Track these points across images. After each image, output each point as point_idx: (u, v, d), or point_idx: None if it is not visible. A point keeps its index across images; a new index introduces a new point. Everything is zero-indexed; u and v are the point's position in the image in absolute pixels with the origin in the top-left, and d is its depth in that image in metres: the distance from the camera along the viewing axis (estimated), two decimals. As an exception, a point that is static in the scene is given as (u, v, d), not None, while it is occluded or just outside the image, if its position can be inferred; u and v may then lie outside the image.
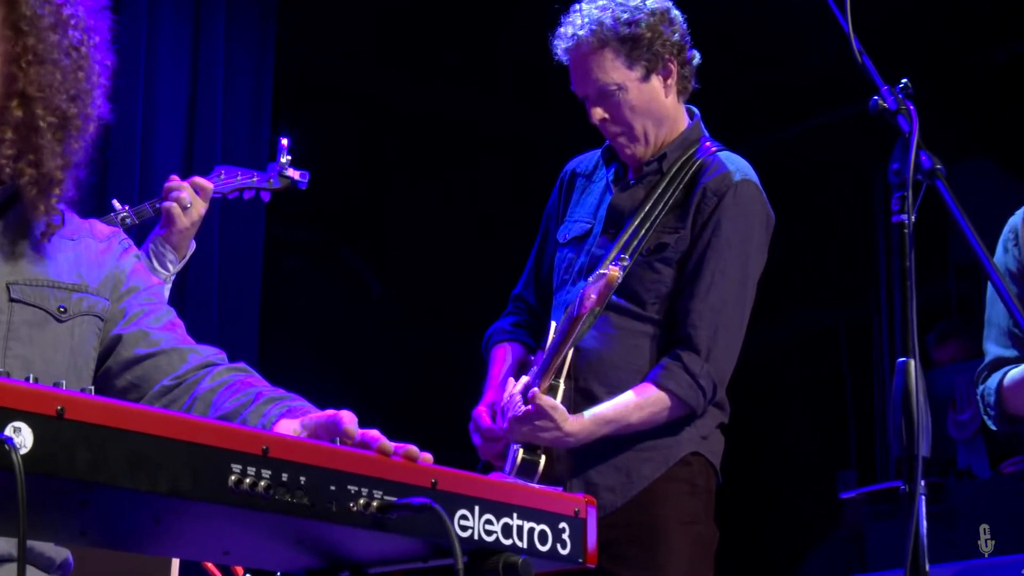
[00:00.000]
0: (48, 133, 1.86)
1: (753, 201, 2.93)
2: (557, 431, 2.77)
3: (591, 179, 3.13)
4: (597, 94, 2.94)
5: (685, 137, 3.01)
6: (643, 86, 2.94)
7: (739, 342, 2.91)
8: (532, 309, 3.19)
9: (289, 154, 3.33)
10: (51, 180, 1.87)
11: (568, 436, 2.79)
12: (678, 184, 2.95)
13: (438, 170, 5.95)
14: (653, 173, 2.99)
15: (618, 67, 2.92)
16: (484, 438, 2.90)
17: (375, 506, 1.45)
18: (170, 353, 1.97)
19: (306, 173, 3.36)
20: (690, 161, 2.98)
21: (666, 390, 2.81)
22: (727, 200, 2.89)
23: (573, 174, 3.18)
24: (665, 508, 2.84)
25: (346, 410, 1.64)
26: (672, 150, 2.99)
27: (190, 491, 1.32)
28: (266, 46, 5.09)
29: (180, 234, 3.05)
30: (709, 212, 2.89)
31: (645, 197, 2.96)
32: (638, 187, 3.00)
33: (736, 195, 2.90)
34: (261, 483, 1.37)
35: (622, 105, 2.93)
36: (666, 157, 2.99)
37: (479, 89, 5.77)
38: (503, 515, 1.54)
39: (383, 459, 1.50)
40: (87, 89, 1.91)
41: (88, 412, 1.28)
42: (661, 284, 2.90)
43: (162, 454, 1.31)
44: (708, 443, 2.91)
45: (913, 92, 2.01)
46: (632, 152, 2.99)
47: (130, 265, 2.05)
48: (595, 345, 2.92)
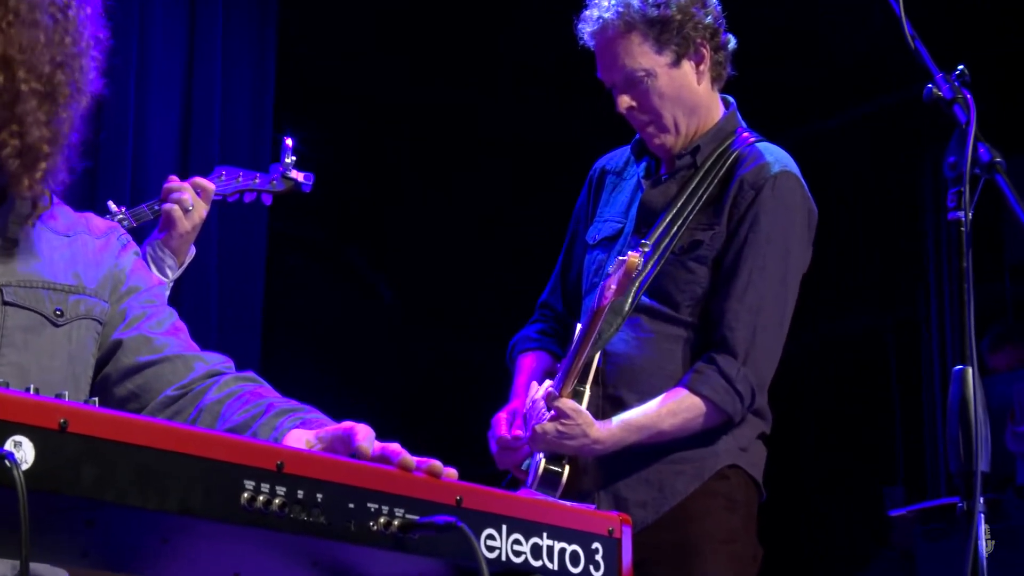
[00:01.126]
0: (32, 100, 1.82)
1: (793, 194, 2.93)
2: (583, 438, 2.77)
3: (622, 176, 3.13)
4: (624, 81, 2.94)
5: (720, 128, 3.02)
6: (673, 72, 2.94)
7: (779, 345, 2.91)
8: (559, 316, 3.19)
9: (294, 155, 3.34)
10: (36, 153, 1.84)
11: (595, 444, 2.78)
12: (713, 178, 2.95)
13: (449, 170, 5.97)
14: (686, 167, 2.99)
15: (646, 52, 2.92)
16: (500, 446, 2.91)
17: (396, 525, 1.45)
18: (174, 361, 1.97)
19: (311, 175, 3.37)
20: (726, 153, 2.98)
21: (700, 395, 2.81)
22: (765, 193, 2.89)
23: (603, 172, 3.18)
24: (700, 526, 2.84)
25: (363, 424, 1.65)
26: (706, 142, 2.99)
27: (201, 509, 1.33)
28: (267, 39, 5.11)
29: (180, 238, 3.07)
30: (746, 206, 2.89)
31: (678, 192, 2.96)
32: (671, 182, 3.00)
33: (775, 188, 2.90)
34: (276, 500, 1.38)
35: (650, 93, 2.93)
36: (700, 150, 2.99)
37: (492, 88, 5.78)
38: (532, 534, 1.55)
39: (404, 475, 1.51)
40: (75, 55, 1.87)
41: (93, 425, 1.29)
42: (695, 284, 2.90)
43: (172, 470, 1.32)
44: (748, 455, 2.91)
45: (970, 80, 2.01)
46: (661, 143, 2.99)
47: (130, 263, 2.05)
48: (625, 349, 2.92)
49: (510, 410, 2.97)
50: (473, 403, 3.04)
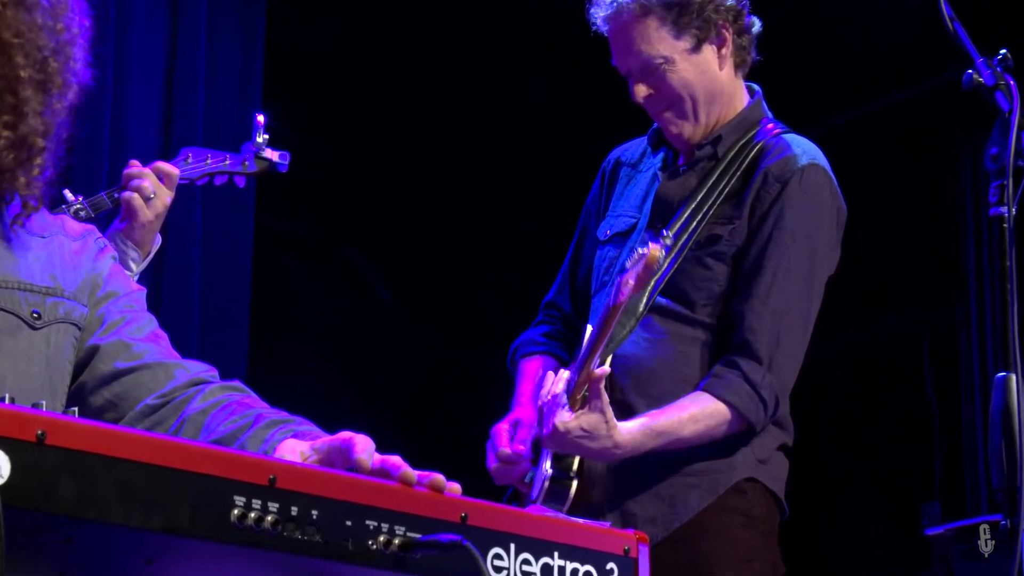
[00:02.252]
0: (28, 88, 1.84)
1: (822, 188, 2.93)
2: (606, 440, 2.75)
3: (637, 168, 3.14)
4: (640, 69, 2.95)
5: (744, 117, 3.02)
6: (693, 58, 2.95)
7: (803, 351, 2.91)
8: (567, 318, 3.19)
9: (266, 132, 3.34)
10: (30, 146, 1.86)
11: (615, 448, 2.77)
12: (735, 170, 2.95)
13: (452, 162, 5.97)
14: (706, 159, 3.00)
15: (664, 37, 2.92)
16: (500, 460, 2.89)
17: (397, 544, 1.46)
18: (154, 368, 1.98)
19: (286, 154, 3.37)
20: (749, 144, 2.99)
21: (724, 401, 2.81)
22: (792, 187, 2.89)
23: (617, 163, 3.19)
24: (714, 545, 2.84)
25: (361, 434, 1.66)
26: (728, 132, 3.00)
27: (188, 527, 1.34)
28: (256, 11, 5.11)
29: (143, 228, 3.07)
30: (771, 201, 2.89)
31: (697, 185, 2.96)
32: (690, 174, 3.01)
33: (802, 181, 2.90)
34: (268, 518, 1.38)
35: (669, 80, 2.94)
36: (721, 140, 2.99)
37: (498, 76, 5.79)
38: (543, 554, 1.56)
39: (406, 490, 1.51)
40: (67, 42, 1.89)
41: (72, 437, 1.30)
42: (713, 282, 2.91)
43: (157, 485, 1.33)
44: (768, 468, 2.91)
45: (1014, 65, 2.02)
46: (680, 131, 3.00)
47: (107, 267, 2.07)
48: (635, 351, 2.92)
49: (512, 420, 2.96)
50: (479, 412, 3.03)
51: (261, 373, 4.93)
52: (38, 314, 1.94)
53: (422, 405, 6.00)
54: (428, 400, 6.01)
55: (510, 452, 2.88)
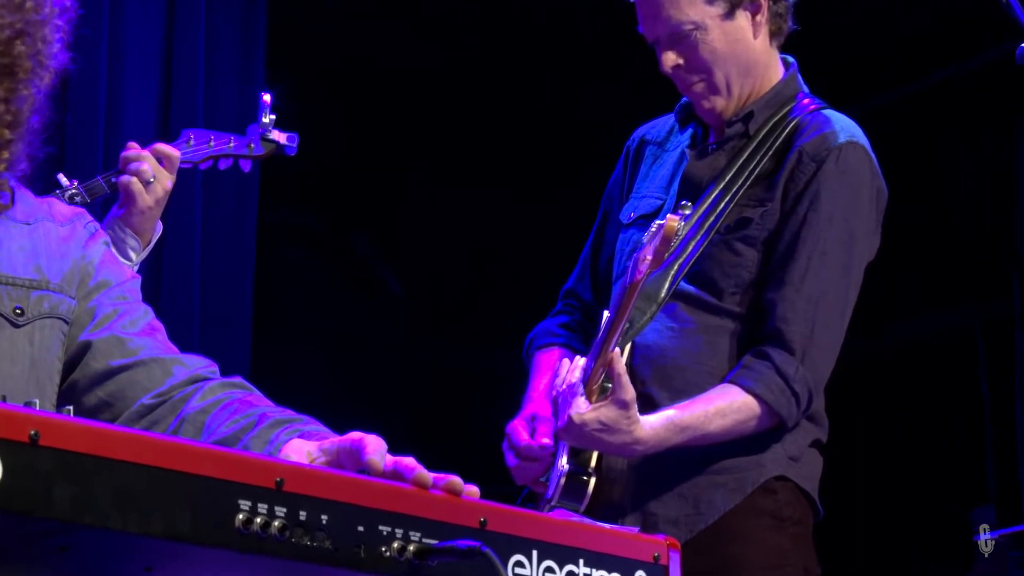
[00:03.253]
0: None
1: (861, 168, 2.93)
2: (626, 435, 2.75)
3: (663, 147, 3.14)
4: (669, 36, 2.94)
5: (778, 92, 3.02)
6: (726, 25, 2.94)
7: (839, 343, 2.91)
8: (586, 307, 3.19)
9: (273, 112, 3.34)
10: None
11: (636, 444, 2.76)
12: (768, 149, 2.95)
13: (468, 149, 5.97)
14: (737, 136, 3.00)
15: (694, 1, 2.92)
16: (520, 457, 2.89)
17: (412, 551, 1.47)
18: (150, 365, 1.99)
19: (294, 136, 3.37)
20: (783, 121, 2.98)
21: (754, 395, 2.80)
22: (828, 166, 2.89)
23: (642, 142, 3.19)
24: (742, 548, 2.84)
25: (373, 435, 1.67)
26: (761, 108, 3.00)
27: (190, 533, 1.35)
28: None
29: (142, 215, 3.08)
30: (806, 181, 2.89)
31: (727, 165, 2.96)
32: (719, 153, 3.01)
33: (840, 160, 2.90)
34: (275, 523, 1.39)
35: (700, 48, 2.93)
36: (753, 116, 2.99)
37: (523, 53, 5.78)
38: (567, 561, 1.57)
39: (421, 493, 1.52)
40: (36, 23, 1.88)
41: (68, 438, 1.30)
42: (742, 269, 2.91)
43: (157, 488, 1.34)
44: (800, 466, 2.90)
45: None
46: (711, 106, 3.00)
47: (99, 255, 2.06)
48: (658, 341, 2.92)
49: (527, 416, 2.95)
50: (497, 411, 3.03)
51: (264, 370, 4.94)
52: (21, 310, 1.94)
53: (435, 405, 6.00)
54: (442, 399, 6.02)
55: (534, 446, 2.86)
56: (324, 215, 5.97)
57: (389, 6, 5.60)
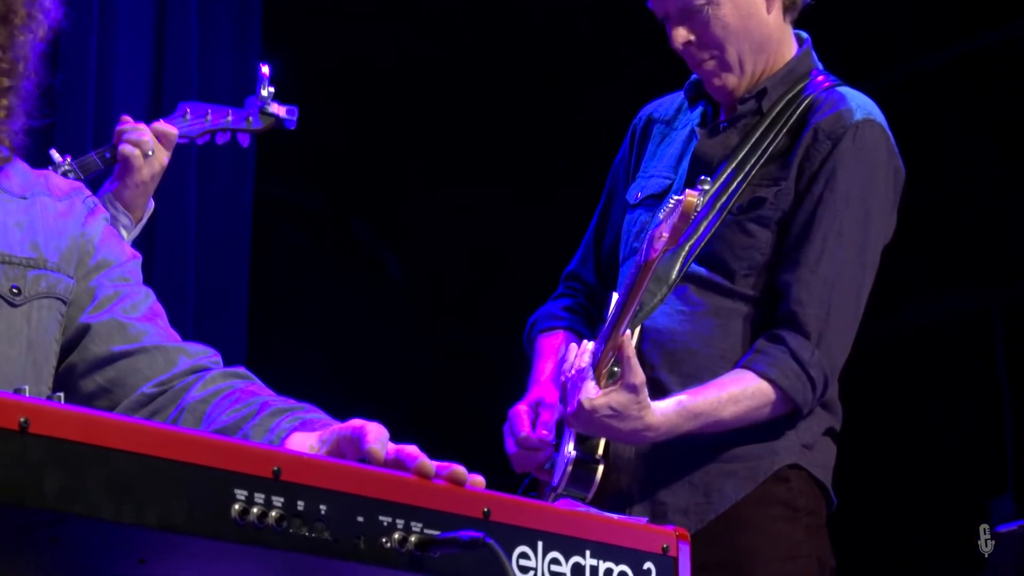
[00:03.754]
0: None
1: (878, 147, 2.93)
2: (637, 421, 2.75)
3: (672, 125, 3.14)
4: (680, 11, 2.95)
5: (791, 69, 3.02)
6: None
7: (855, 326, 2.92)
8: (590, 290, 3.19)
9: (272, 85, 3.34)
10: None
11: (647, 430, 2.76)
12: (782, 127, 2.96)
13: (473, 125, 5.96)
14: (750, 113, 3.00)
15: None
16: (521, 445, 2.90)
17: (413, 542, 1.47)
18: (152, 352, 1.99)
19: (294, 108, 3.37)
20: (797, 98, 2.99)
21: (769, 380, 2.81)
22: (844, 144, 2.89)
23: (649, 120, 3.19)
24: (753, 539, 2.85)
25: (374, 422, 1.67)
26: (774, 84, 3.00)
27: (184, 524, 1.35)
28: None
29: (136, 189, 3.08)
30: (821, 160, 2.90)
31: (740, 143, 2.97)
32: (731, 131, 3.01)
33: (856, 138, 2.90)
34: (272, 513, 1.39)
35: (712, 23, 2.94)
36: (766, 93, 2.99)
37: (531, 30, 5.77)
38: (573, 552, 1.57)
39: (423, 483, 1.52)
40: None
41: (59, 425, 1.30)
42: (755, 250, 2.91)
43: (151, 478, 1.34)
44: (813, 454, 2.91)
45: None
46: (723, 84, 3.00)
47: (99, 232, 2.05)
48: (668, 324, 2.92)
49: (531, 401, 2.96)
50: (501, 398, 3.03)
51: (261, 353, 4.95)
52: (18, 289, 1.94)
53: (438, 392, 6.01)
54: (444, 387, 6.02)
55: (533, 438, 2.87)
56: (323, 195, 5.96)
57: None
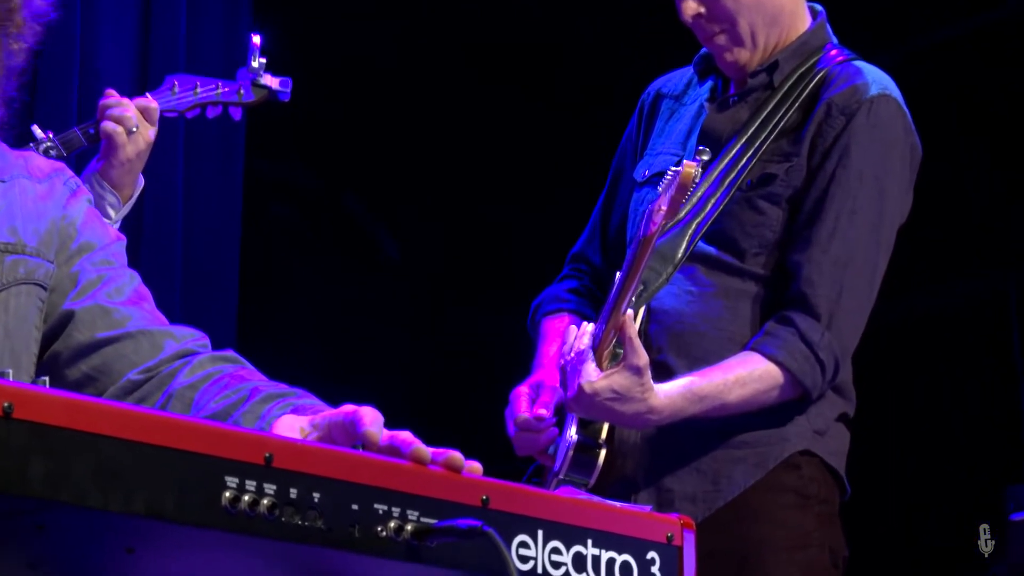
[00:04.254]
0: None
1: (893, 123, 2.93)
2: (640, 403, 2.75)
3: (681, 101, 3.14)
4: None
5: (804, 42, 3.02)
6: None
7: (868, 308, 2.92)
8: (596, 272, 3.19)
9: (263, 55, 3.34)
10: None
11: (650, 413, 2.77)
12: (793, 101, 2.96)
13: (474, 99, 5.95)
14: (761, 87, 3.00)
15: None
16: (520, 427, 2.90)
17: (410, 530, 1.48)
18: (138, 337, 1.99)
19: (288, 80, 3.37)
20: (810, 72, 2.99)
21: (777, 362, 2.81)
22: (859, 120, 2.90)
23: (657, 96, 3.19)
24: (762, 527, 2.85)
25: (368, 406, 1.67)
26: (786, 58, 3.00)
27: (173, 512, 1.36)
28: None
29: (123, 167, 3.08)
30: (834, 135, 2.90)
31: (750, 118, 2.97)
32: (741, 106, 3.01)
33: (871, 114, 2.90)
34: (264, 501, 1.40)
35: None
36: (778, 66, 3.00)
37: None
38: (575, 542, 1.58)
39: (419, 469, 1.53)
40: None
41: (44, 410, 1.31)
42: (765, 228, 2.92)
43: (139, 464, 1.34)
44: (826, 440, 2.91)
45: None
46: (734, 59, 3.00)
47: (81, 214, 2.05)
48: (675, 305, 2.93)
49: (533, 383, 2.96)
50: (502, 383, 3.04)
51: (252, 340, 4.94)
52: None
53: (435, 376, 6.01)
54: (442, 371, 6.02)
55: (530, 417, 2.87)
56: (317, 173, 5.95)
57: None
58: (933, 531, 6.23)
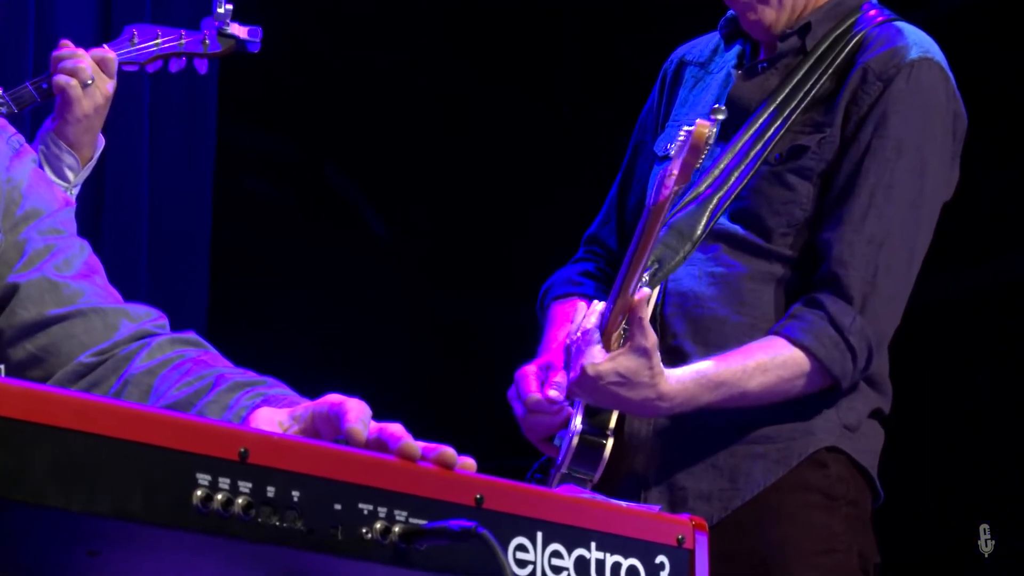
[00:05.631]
0: None
1: (936, 89, 2.94)
2: (648, 389, 2.74)
3: (706, 68, 3.14)
4: None
5: (840, 2, 3.03)
6: None
7: (907, 292, 2.93)
8: (612, 254, 3.20)
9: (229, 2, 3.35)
10: None
11: (660, 400, 2.76)
12: (827, 67, 2.96)
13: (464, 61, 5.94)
14: (792, 52, 3.01)
15: None
16: (527, 408, 2.89)
17: (397, 532, 1.49)
18: (89, 316, 1.99)
19: (257, 29, 3.38)
20: (846, 35, 2.99)
21: (803, 348, 2.81)
22: (898, 85, 2.90)
23: (681, 63, 3.19)
24: (783, 529, 2.86)
25: (354, 398, 1.68)
26: (820, 19, 3.01)
27: (140, 512, 1.36)
28: None
29: (80, 124, 3.09)
30: (871, 103, 2.91)
31: (780, 85, 2.98)
32: (770, 72, 3.02)
33: (911, 79, 2.91)
34: (238, 500, 1.41)
35: None
36: (811, 29, 3.00)
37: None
38: (577, 544, 1.59)
39: (408, 466, 1.54)
40: None
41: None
42: (795, 206, 2.92)
43: (102, 461, 1.35)
44: (857, 437, 2.92)
45: None
46: (758, 18, 3.00)
47: (26, 176, 2.04)
48: (693, 288, 2.94)
49: (541, 364, 2.95)
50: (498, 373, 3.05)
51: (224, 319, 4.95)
52: None
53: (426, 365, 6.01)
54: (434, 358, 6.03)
55: (540, 398, 2.87)
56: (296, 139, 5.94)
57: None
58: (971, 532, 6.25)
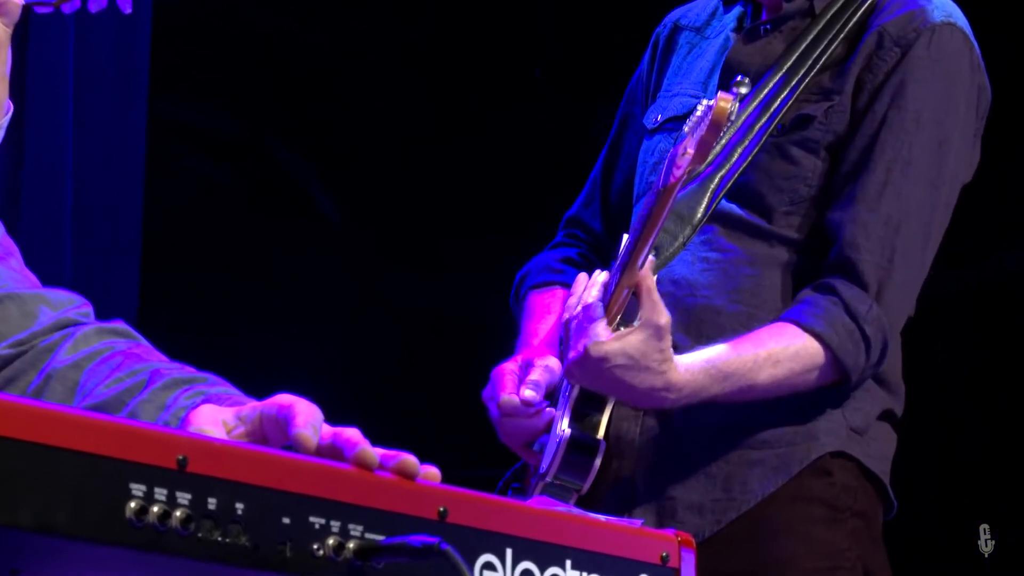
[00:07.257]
0: None
1: (959, 57, 2.96)
2: (656, 376, 2.73)
3: (703, 34, 3.15)
4: None
5: (851, -39, 3.05)
6: None
7: (921, 280, 2.96)
8: (596, 239, 3.22)
9: None
10: None
11: (667, 389, 2.75)
12: (838, 31, 2.97)
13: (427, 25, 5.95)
14: (798, 15, 3.02)
15: None
16: (503, 411, 2.90)
17: (352, 548, 1.50)
18: (5, 303, 2.01)
19: None
20: (858, -4, 3.00)
21: (817, 336, 2.82)
22: (918, 52, 2.92)
23: (675, 28, 3.21)
24: (783, 544, 2.87)
25: (304, 399, 1.70)
26: (829, -21, 3.03)
27: (67, 526, 1.37)
28: None
29: None
30: (886, 71, 2.92)
31: (785, 51, 2.99)
32: (774, 37, 3.04)
33: (933, 45, 2.93)
34: (176, 513, 1.42)
35: None
36: (820, -11, 3.02)
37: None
38: (550, 562, 1.61)
39: (364, 476, 1.55)
40: None
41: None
42: (798, 181, 2.94)
43: (24, 469, 1.35)
44: (866, 441, 2.94)
45: None
46: (760, -25, 3.04)
47: None
48: (688, 275, 2.95)
49: (521, 361, 2.96)
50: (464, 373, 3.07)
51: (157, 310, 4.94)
52: None
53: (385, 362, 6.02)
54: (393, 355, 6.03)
55: (516, 401, 2.87)
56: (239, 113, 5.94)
57: None
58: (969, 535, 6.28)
